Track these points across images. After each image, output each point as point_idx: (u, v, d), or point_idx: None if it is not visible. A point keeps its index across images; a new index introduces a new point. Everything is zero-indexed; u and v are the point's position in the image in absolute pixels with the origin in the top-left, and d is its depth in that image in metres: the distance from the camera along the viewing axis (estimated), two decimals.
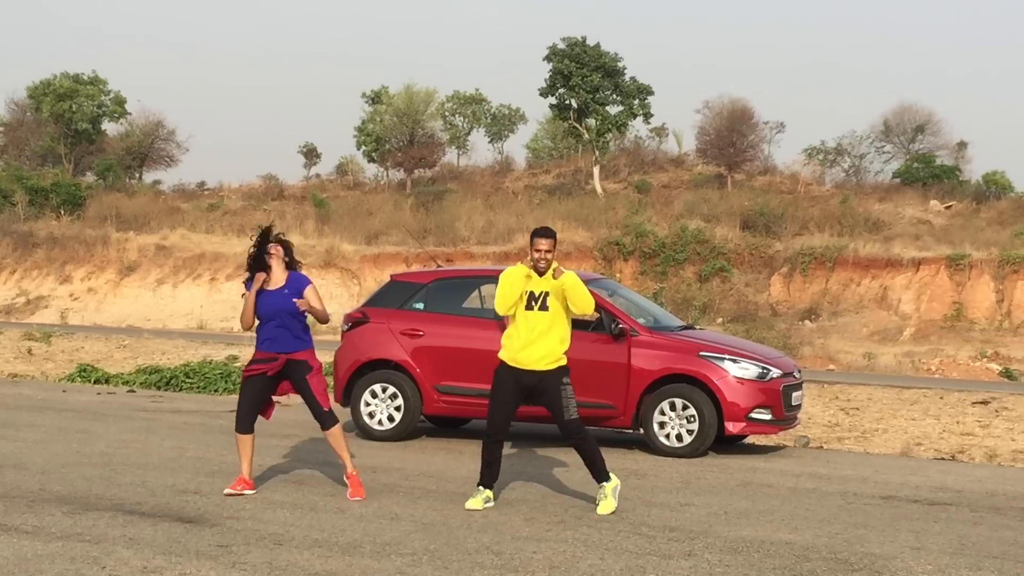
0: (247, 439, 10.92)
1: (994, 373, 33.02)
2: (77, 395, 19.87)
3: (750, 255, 45.25)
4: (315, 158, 73.07)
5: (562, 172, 63.82)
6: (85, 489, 10.82)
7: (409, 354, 14.99)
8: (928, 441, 17.61)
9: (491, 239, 47.33)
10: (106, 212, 55.70)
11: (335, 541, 9.03)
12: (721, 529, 9.97)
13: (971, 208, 51.64)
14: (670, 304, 38.58)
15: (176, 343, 29.57)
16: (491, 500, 10.65)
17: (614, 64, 56.62)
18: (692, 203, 51.15)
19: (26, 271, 51.74)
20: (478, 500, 10.57)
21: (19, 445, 13.49)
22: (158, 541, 8.85)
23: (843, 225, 47.36)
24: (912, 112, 64.37)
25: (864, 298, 42.54)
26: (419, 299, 15.42)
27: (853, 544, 9.56)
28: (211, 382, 21.66)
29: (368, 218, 53.75)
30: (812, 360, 33.61)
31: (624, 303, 15.46)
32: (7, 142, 72.85)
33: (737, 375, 14.32)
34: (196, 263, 49.83)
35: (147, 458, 12.84)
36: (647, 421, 14.39)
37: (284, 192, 65.69)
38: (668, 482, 12.42)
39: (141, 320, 45.79)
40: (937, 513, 11.16)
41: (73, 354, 28.02)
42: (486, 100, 73.48)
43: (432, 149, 66.41)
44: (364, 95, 68.26)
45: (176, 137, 72.94)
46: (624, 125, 58.85)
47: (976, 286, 40.96)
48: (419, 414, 15.10)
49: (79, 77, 68.94)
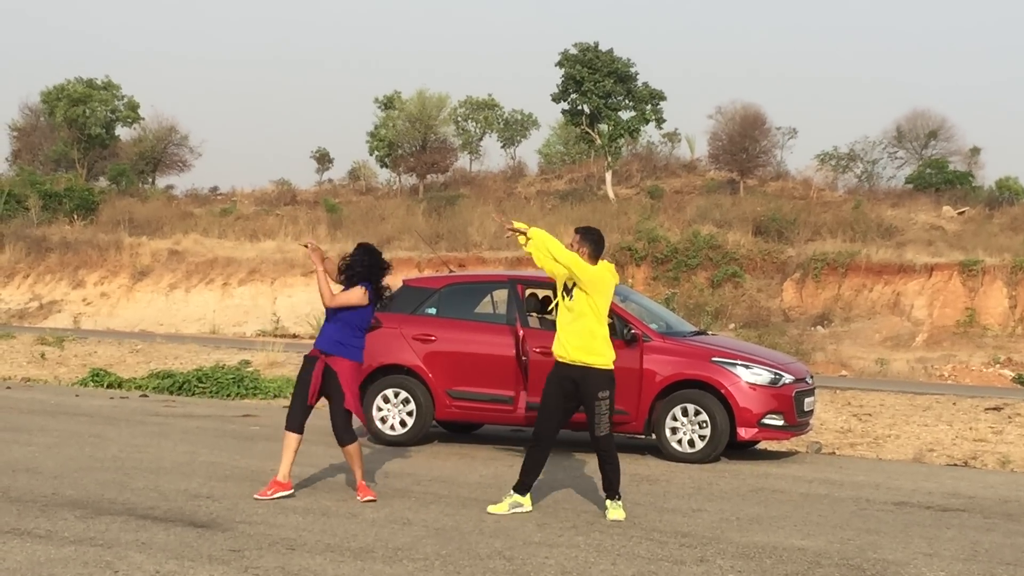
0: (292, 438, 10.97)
1: (1007, 379, 32.93)
2: (90, 399, 19.90)
3: (762, 261, 45.16)
4: (328, 163, 73.11)
5: (574, 177, 63.76)
6: (98, 493, 10.84)
7: (421, 359, 15.01)
8: (941, 447, 17.57)
9: (503, 244, 47.26)
10: (119, 217, 55.78)
11: (347, 546, 9.04)
12: (733, 535, 9.96)
13: (984, 214, 51.48)
14: (682, 309, 38.53)
15: (189, 348, 29.59)
16: (520, 506, 10.61)
17: (626, 70, 56.57)
18: (704, 208, 51.06)
19: (39, 276, 51.84)
20: (504, 505, 10.57)
21: (32, 449, 13.52)
22: (170, 545, 8.87)
23: (855, 231, 47.23)
24: (925, 118, 64.22)
25: (877, 304, 42.44)
26: (431, 304, 15.44)
27: (865, 550, 9.55)
28: (223, 387, 21.67)
29: (380, 223, 53.75)
30: (824, 366, 33.55)
31: (636, 308, 15.45)
32: (21, 147, 72.98)
33: (749, 381, 14.31)
34: (209, 268, 49.88)
35: (160, 462, 12.86)
36: (659, 427, 14.38)
37: (297, 197, 65.71)
38: (680, 488, 12.41)
39: (154, 325, 45.84)
40: (950, 519, 11.14)
41: (86, 359, 28.05)
42: (498, 105, 73.46)
43: (444, 154, 66.40)
44: (377, 100, 68.29)
45: (189, 142, 73.06)
46: (636, 131, 58.78)
47: (989, 292, 40.84)
48: (431, 419, 15.10)
49: (93, 82, 69.06)
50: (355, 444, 10.91)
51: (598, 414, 10.47)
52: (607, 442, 10.55)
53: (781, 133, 63.62)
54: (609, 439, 10.56)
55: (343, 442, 10.89)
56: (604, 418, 10.48)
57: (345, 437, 10.87)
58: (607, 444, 10.55)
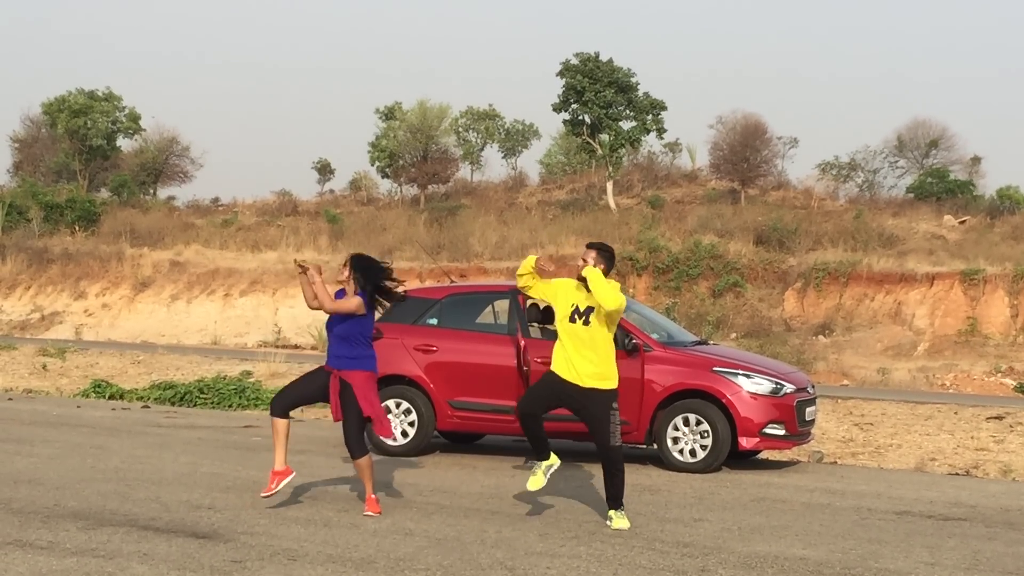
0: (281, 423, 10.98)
1: (1008, 388, 32.92)
2: (92, 411, 19.91)
3: (763, 270, 45.17)
4: (329, 174, 73.16)
5: (575, 187, 63.77)
6: (100, 505, 10.85)
7: (423, 370, 15.02)
8: (942, 456, 17.56)
9: (505, 254, 47.30)
10: (120, 228, 55.79)
11: (349, 557, 9.04)
12: (735, 545, 9.96)
13: (985, 223, 51.47)
14: (683, 319, 38.53)
15: (190, 359, 29.58)
16: (554, 466, 10.66)
17: (627, 80, 56.61)
18: (705, 218, 51.07)
19: (41, 287, 51.85)
20: (539, 476, 10.60)
21: (34, 460, 13.53)
22: (172, 557, 8.87)
23: (857, 240, 47.23)
24: (926, 127, 64.24)
25: (878, 313, 42.43)
26: (433, 314, 15.45)
27: (867, 560, 9.55)
28: (225, 398, 21.68)
29: (382, 234, 53.76)
30: (826, 375, 33.55)
31: (638, 318, 15.46)
32: (22, 158, 73.03)
33: (751, 390, 14.31)
34: (210, 279, 49.89)
35: (161, 474, 12.87)
36: (661, 436, 14.38)
37: (298, 208, 65.71)
38: (682, 497, 12.41)
39: (155, 336, 45.84)
40: (951, 528, 11.14)
41: (88, 370, 28.05)
42: (499, 116, 73.49)
43: (445, 165, 66.42)
44: (378, 111, 68.34)
45: (190, 153, 73.09)
46: (637, 140, 58.79)
47: (990, 301, 40.83)
48: (433, 429, 15.11)
49: (94, 93, 69.09)
50: (367, 457, 10.90)
51: (613, 424, 10.49)
52: (618, 452, 10.58)
53: (782, 142, 63.64)
54: (620, 450, 10.61)
55: (355, 455, 10.86)
56: (617, 429, 10.53)
57: (357, 450, 10.84)
58: (618, 454, 10.58)
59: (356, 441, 10.86)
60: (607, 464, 10.63)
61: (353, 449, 10.86)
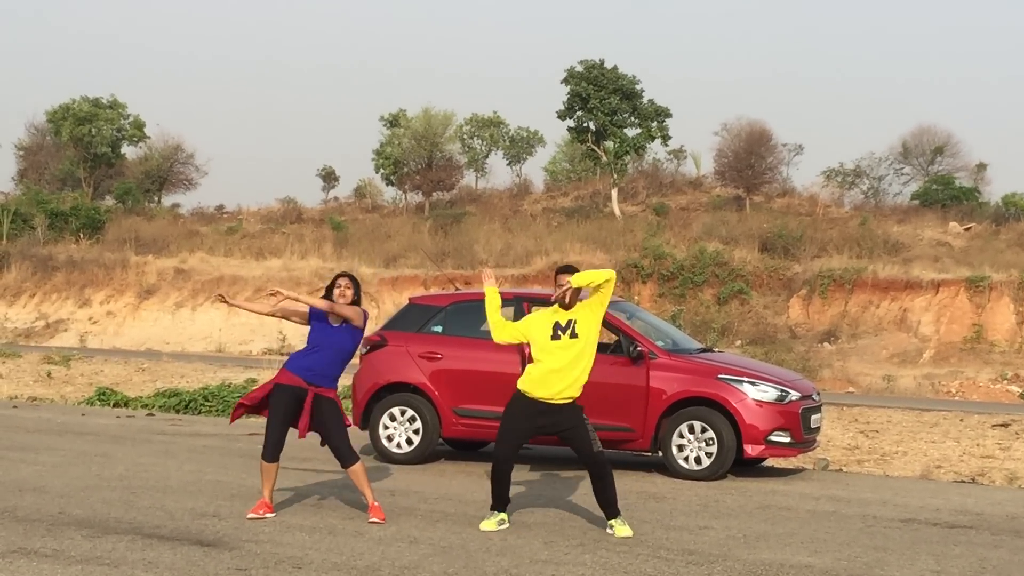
0: (271, 467, 10.93)
1: (1014, 395, 32.90)
2: (96, 418, 19.91)
3: (769, 277, 45.18)
4: (333, 181, 73.31)
5: (580, 195, 63.84)
6: (104, 512, 10.84)
7: (427, 377, 15.00)
8: (948, 464, 17.55)
9: (509, 262, 47.32)
10: (125, 235, 55.87)
11: (354, 564, 9.03)
12: (740, 552, 9.94)
13: (990, 230, 51.49)
14: (688, 326, 38.53)
15: (195, 366, 29.63)
16: (505, 522, 10.65)
17: (632, 87, 56.67)
18: (710, 225, 51.11)
19: (46, 295, 51.91)
20: (492, 522, 10.59)
21: (39, 468, 13.52)
22: (177, 565, 8.86)
23: (862, 247, 47.25)
24: (931, 134, 64.29)
25: (883, 320, 42.42)
26: (437, 322, 15.43)
27: (873, 568, 9.53)
28: (230, 405, 21.63)
29: (386, 241, 53.83)
30: (831, 383, 33.53)
31: (643, 325, 15.45)
32: (27, 166, 73.18)
33: (756, 398, 14.28)
34: (215, 286, 49.86)
35: (166, 481, 12.86)
36: (666, 444, 14.36)
37: (303, 215, 65.81)
38: (687, 505, 12.40)
39: (160, 343, 45.91)
40: (957, 536, 11.12)
41: (92, 377, 28.08)
42: (504, 123, 73.55)
43: (450, 172, 66.52)
44: (382, 118, 68.46)
45: (195, 160, 73.22)
46: (642, 147, 58.86)
47: (996, 308, 40.82)
48: (437, 437, 15.09)
49: (98, 101, 69.22)
50: (359, 463, 10.90)
51: (589, 430, 10.48)
52: (604, 457, 10.54)
53: (787, 149, 63.70)
54: (604, 454, 10.57)
55: (347, 463, 10.85)
56: (595, 433, 10.52)
57: (349, 458, 10.84)
58: (604, 459, 10.53)
59: (348, 448, 10.86)
60: (595, 471, 10.56)
61: (346, 456, 10.84)
